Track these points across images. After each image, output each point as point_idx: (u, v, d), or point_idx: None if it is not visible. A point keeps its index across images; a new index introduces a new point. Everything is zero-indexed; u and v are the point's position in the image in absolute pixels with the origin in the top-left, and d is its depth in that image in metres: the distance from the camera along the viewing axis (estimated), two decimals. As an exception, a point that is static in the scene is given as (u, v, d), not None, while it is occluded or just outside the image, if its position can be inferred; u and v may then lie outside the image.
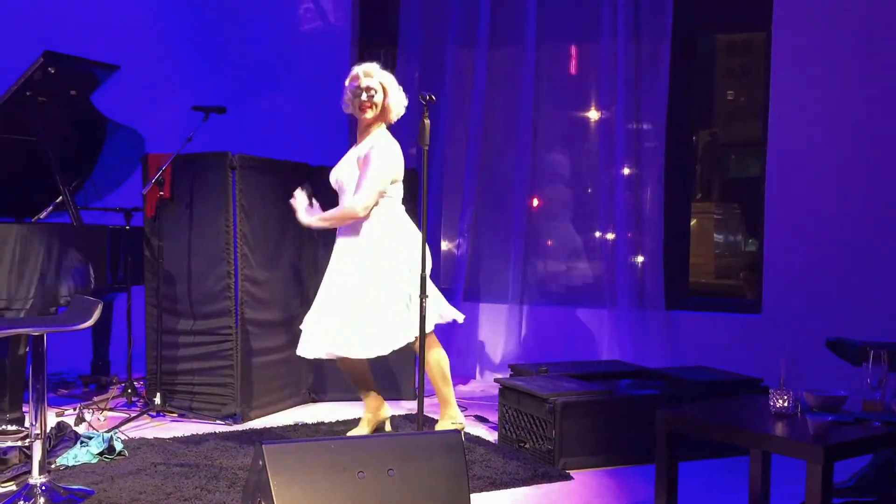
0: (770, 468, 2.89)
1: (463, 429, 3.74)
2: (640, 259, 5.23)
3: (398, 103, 3.69)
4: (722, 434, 2.55)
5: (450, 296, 5.47)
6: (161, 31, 6.00)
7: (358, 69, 3.65)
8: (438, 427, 3.75)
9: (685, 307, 5.26)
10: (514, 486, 3.26)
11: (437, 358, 3.70)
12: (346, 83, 3.67)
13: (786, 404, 2.60)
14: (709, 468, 3.50)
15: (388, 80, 3.67)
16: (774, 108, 5.00)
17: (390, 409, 3.97)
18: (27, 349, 3.49)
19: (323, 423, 4.12)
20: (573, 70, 5.49)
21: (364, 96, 3.60)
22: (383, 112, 3.66)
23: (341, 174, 3.66)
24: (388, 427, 3.93)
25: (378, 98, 3.62)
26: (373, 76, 3.63)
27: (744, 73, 5.88)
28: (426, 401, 3.64)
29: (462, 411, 4.44)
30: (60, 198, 4.31)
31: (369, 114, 3.62)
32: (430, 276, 3.50)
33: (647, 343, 5.14)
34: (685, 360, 5.03)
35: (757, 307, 5.11)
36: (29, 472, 2.98)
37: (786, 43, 4.97)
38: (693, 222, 5.51)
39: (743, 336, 5.02)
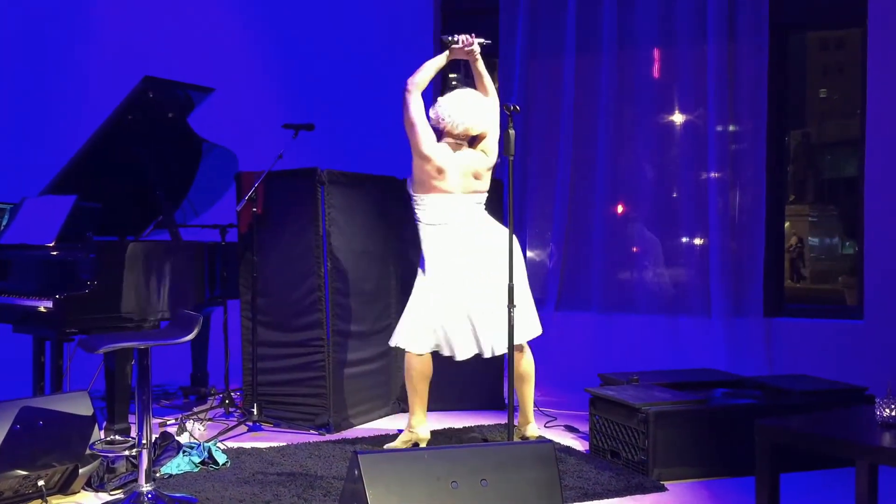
0: (877, 481, 2.78)
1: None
2: (735, 265, 5.09)
3: None
4: (826, 446, 2.46)
5: (541, 306, 5.47)
6: (251, 53, 6.20)
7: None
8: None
9: (782, 314, 5.10)
10: (607, 497, 3.22)
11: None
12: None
13: (893, 414, 2.49)
14: (810, 480, 3.38)
15: None
16: (872, 105, 4.82)
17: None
18: (133, 362, 3.65)
19: (413, 433, 4.15)
20: (657, 74, 5.40)
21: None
22: None
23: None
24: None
25: None
26: None
27: (838, 71, 5.69)
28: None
29: (551, 421, 4.45)
30: (161, 216, 4.50)
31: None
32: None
33: (742, 351, 5.00)
34: (782, 369, 4.87)
35: (858, 313, 4.92)
36: (136, 480, 3.12)
37: (883, 38, 4.78)
38: (786, 225, 5.35)
39: (844, 343, 4.83)
